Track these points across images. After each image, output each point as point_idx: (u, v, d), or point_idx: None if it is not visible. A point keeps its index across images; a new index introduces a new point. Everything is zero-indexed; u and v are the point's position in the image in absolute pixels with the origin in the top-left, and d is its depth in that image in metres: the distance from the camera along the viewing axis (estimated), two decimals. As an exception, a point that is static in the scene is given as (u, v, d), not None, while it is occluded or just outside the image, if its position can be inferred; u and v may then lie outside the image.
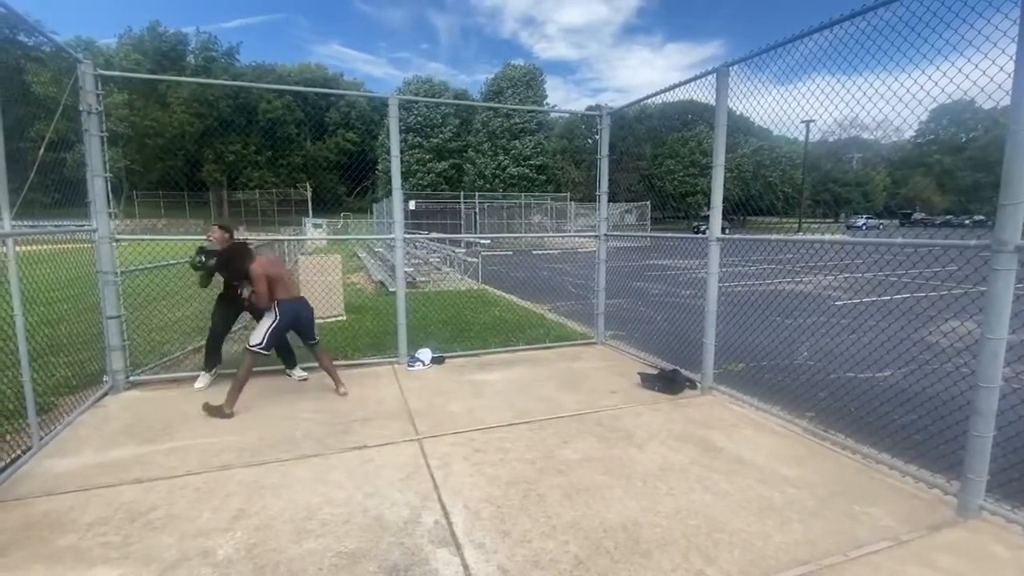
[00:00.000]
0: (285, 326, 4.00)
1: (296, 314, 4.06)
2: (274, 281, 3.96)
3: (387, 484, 2.83)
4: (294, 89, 7.40)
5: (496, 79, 39.67)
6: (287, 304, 4.00)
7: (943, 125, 52.03)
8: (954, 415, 2.78)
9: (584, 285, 9.99)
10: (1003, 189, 2.31)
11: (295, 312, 4.05)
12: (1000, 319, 2.37)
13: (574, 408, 3.97)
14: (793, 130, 3.90)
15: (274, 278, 3.95)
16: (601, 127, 5.64)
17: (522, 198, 30.69)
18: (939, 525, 2.48)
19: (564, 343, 6.02)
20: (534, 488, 2.79)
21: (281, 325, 3.95)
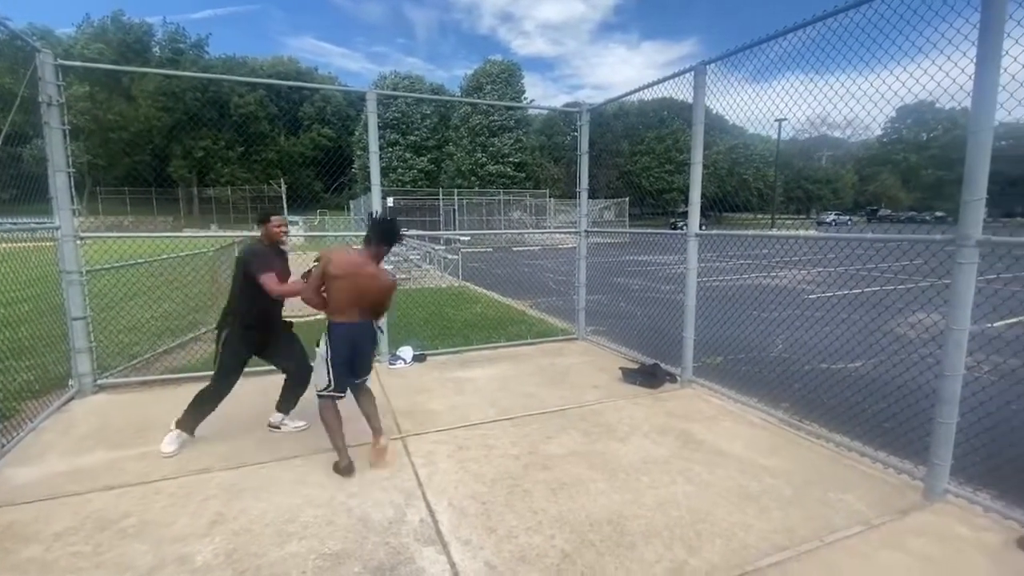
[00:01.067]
0: (343, 358, 2.90)
1: (354, 344, 2.93)
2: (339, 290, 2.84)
3: (371, 484, 2.81)
4: (267, 82, 7.22)
5: (475, 75, 39.46)
6: (342, 328, 2.88)
7: (907, 124, 53.84)
8: (920, 403, 2.89)
9: (565, 281, 10.06)
10: (965, 186, 2.40)
11: (353, 341, 2.91)
12: (963, 311, 2.47)
13: (557, 404, 3.99)
14: (766, 128, 4.00)
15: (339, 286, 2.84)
16: (581, 124, 5.67)
17: (501, 195, 30.63)
18: (908, 509, 2.58)
19: (546, 339, 6.04)
20: (519, 484, 2.80)
21: (337, 358, 2.88)
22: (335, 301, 2.86)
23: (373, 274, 2.89)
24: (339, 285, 2.83)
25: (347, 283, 2.83)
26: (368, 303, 2.92)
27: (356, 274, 2.85)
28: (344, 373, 2.93)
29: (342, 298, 2.85)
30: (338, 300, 2.86)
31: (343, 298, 2.85)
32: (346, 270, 2.84)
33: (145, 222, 36.54)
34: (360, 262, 2.88)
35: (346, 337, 2.90)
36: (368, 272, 2.87)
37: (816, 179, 52.44)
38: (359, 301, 2.88)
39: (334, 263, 2.84)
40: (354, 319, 2.90)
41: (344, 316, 2.89)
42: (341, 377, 2.92)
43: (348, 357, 2.92)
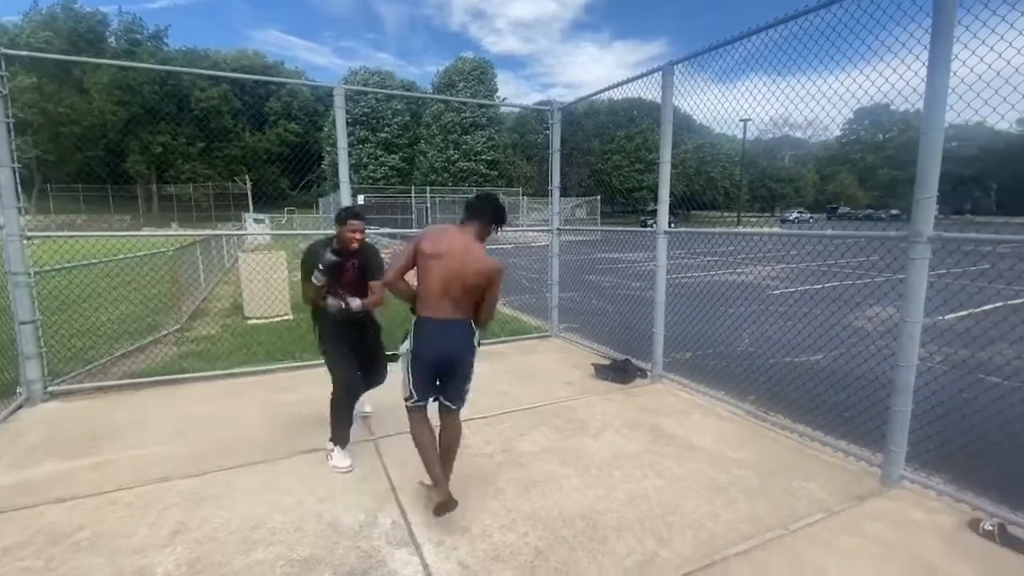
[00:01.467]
0: (426, 364, 2.38)
1: (440, 348, 2.37)
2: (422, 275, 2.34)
3: (341, 488, 2.75)
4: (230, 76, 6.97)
5: (447, 72, 39.19)
6: (429, 326, 2.34)
7: (864, 126, 56.13)
8: (877, 393, 3.01)
9: (537, 279, 10.08)
10: (917, 185, 2.51)
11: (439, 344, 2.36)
12: (916, 304, 2.58)
13: (530, 401, 4.00)
14: (732, 128, 4.09)
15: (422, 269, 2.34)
16: (552, 122, 5.68)
17: (474, 192, 30.57)
18: (866, 495, 2.69)
19: (519, 337, 6.04)
20: (493, 482, 2.79)
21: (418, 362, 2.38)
22: (423, 288, 2.28)
23: (478, 256, 2.29)
24: (431, 267, 2.25)
25: (440, 265, 2.24)
26: (466, 293, 2.29)
27: (454, 254, 2.24)
28: (426, 379, 2.42)
29: (433, 285, 2.25)
30: (428, 287, 2.26)
31: (434, 285, 2.25)
32: (441, 248, 2.24)
33: (100, 221, 34.94)
34: (463, 241, 2.31)
35: (433, 337, 2.30)
36: (473, 254, 2.28)
37: (779, 178, 54.13)
38: (454, 290, 2.26)
39: (428, 238, 2.28)
40: (446, 314, 2.30)
41: (432, 310, 2.31)
42: (421, 383, 2.41)
43: (433, 362, 2.35)
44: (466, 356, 2.42)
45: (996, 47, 2.33)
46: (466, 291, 2.29)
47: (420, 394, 2.44)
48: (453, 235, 2.36)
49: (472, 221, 2.44)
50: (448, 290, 2.28)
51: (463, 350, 2.39)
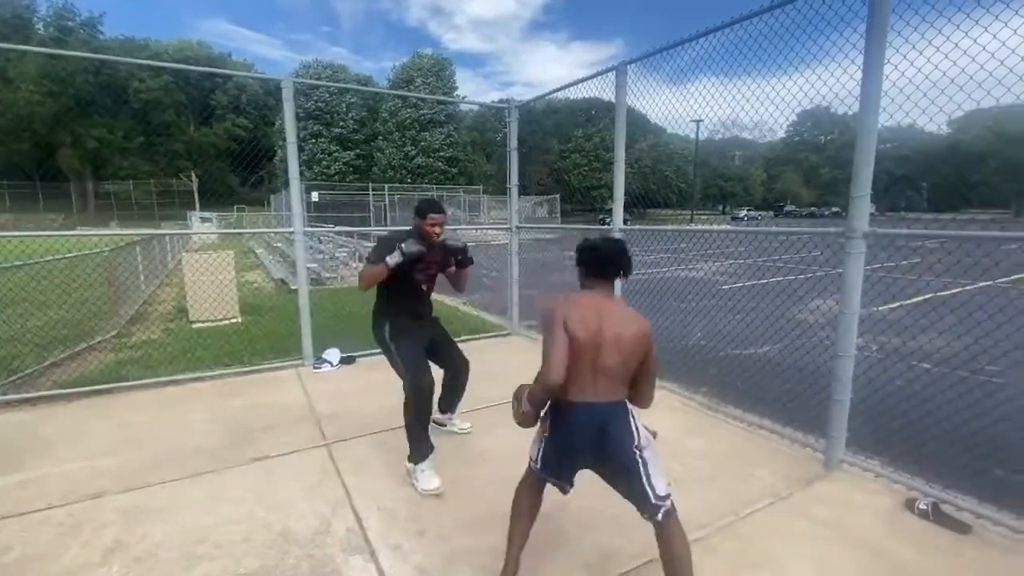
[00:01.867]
0: (559, 450, 1.90)
1: (592, 430, 1.82)
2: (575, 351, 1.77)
3: (293, 495, 2.65)
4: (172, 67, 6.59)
5: (405, 68, 38.57)
6: (585, 411, 1.80)
7: (807, 127, 59.10)
8: (820, 382, 3.16)
9: (498, 277, 10.06)
10: (853, 183, 2.64)
11: (594, 429, 1.81)
12: (853, 296, 2.72)
13: (493, 399, 3.97)
14: (685, 128, 4.20)
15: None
16: (510, 120, 5.68)
17: (434, 190, 30.21)
18: (812, 479, 2.82)
19: (480, 335, 6.01)
20: (455, 482, 2.75)
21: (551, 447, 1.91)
22: (571, 373, 1.76)
23: (630, 316, 1.86)
24: (580, 349, 1.76)
25: (592, 342, 1.76)
26: (622, 366, 1.80)
27: (606, 324, 1.78)
28: (565, 473, 1.93)
29: (583, 367, 1.77)
30: (577, 371, 1.77)
31: (584, 367, 1.78)
32: (593, 326, 1.77)
33: (28, 220, 32.41)
34: (606, 304, 1.85)
35: (587, 426, 1.80)
36: (622, 315, 1.84)
37: (729, 177, 56.29)
38: (609, 368, 1.78)
39: (576, 319, 1.77)
40: (607, 398, 1.81)
41: (584, 392, 1.80)
42: (557, 471, 1.93)
43: (572, 446, 1.86)
44: (627, 447, 1.82)
45: (926, 53, 2.49)
46: (621, 364, 1.81)
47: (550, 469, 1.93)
48: (596, 300, 1.86)
49: (597, 278, 1.93)
50: (599, 369, 1.79)
51: (626, 437, 1.82)
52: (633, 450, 1.81)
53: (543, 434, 1.92)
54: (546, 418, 1.91)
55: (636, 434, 1.83)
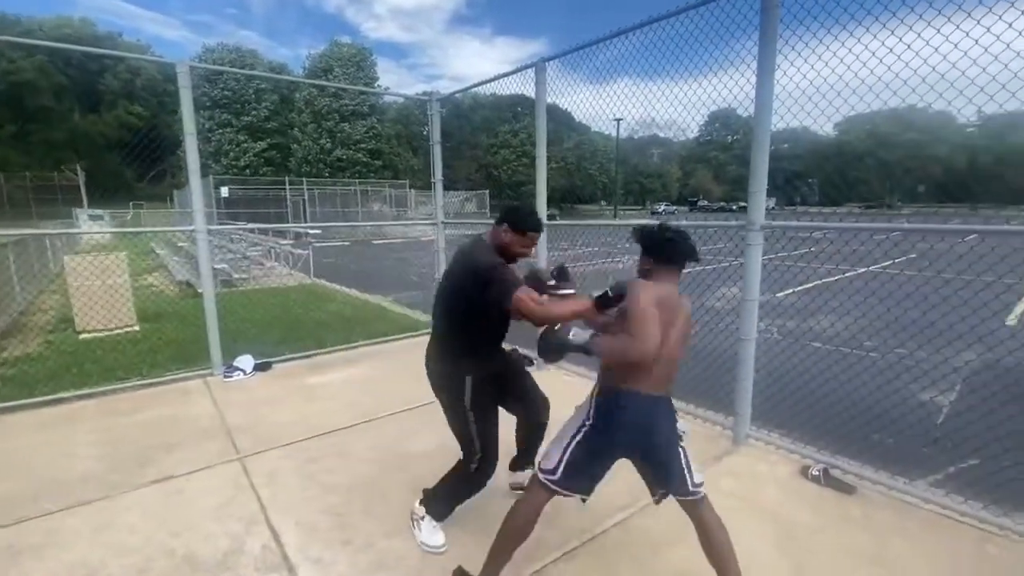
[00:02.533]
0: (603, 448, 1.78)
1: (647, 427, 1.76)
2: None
3: (200, 516, 2.44)
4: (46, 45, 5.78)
5: (322, 56, 36.69)
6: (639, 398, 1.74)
7: (716, 128, 63.38)
8: (727, 363, 3.40)
9: (428, 274, 9.91)
10: (751, 179, 2.86)
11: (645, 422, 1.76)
12: (753, 283, 2.95)
13: (420, 399, 3.89)
14: (607, 126, 4.34)
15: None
16: (432, 112, 5.57)
17: (357, 185, 29.10)
18: (721, 455, 3.03)
19: (410, 334, 5.88)
20: (378, 488, 2.67)
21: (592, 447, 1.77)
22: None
23: (690, 313, 1.86)
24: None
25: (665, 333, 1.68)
26: (678, 361, 1.82)
27: (679, 318, 1.76)
28: (596, 473, 1.83)
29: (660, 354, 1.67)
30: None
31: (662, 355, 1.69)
32: (669, 316, 1.71)
33: None
34: (679, 298, 1.81)
35: (644, 418, 1.74)
36: (688, 311, 1.84)
37: (649, 174, 59.19)
38: (671, 361, 1.77)
39: (663, 305, 1.68)
40: (659, 390, 1.77)
41: (646, 384, 1.73)
42: (582, 478, 1.79)
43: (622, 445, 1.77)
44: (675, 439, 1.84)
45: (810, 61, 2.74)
46: (677, 356, 1.81)
47: (573, 486, 1.79)
48: (677, 298, 1.79)
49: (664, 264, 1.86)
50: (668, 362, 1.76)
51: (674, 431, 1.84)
52: (678, 446, 1.83)
53: (571, 440, 1.78)
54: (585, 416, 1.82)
55: (678, 428, 1.84)
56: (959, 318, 2.67)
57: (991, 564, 2.09)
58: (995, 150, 38.02)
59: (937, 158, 39.83)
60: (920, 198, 41.84)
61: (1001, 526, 2.29)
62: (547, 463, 1.78)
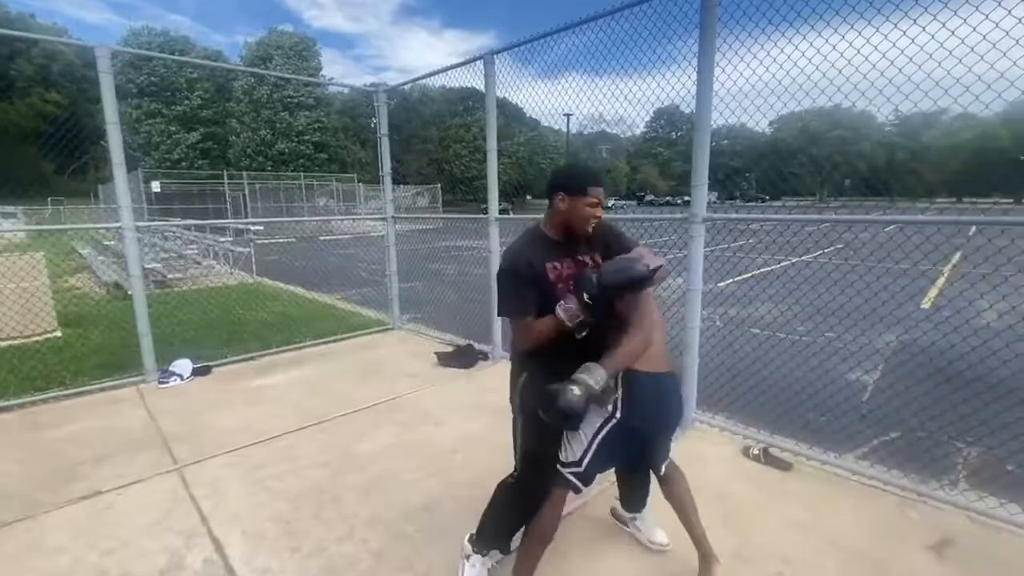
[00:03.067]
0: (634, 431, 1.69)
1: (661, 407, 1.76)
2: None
3: (135, 532, 2.29)
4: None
5: (261, 44, 34.86)
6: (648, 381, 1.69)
7: (662, 124, 65.41)
8: (674, 351, 3.52)
9: (378, 270, 9.69)
10: (693, 174, 2.96)
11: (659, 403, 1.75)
12: (696, 274, 3.06)
13: (371, 399, 3.81)
14: (557, 122, 4.38)
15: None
16: (378, 104, 5.43)
17: (303, 178, 27.97)
18: (670, 440, 3.14)
19: (359, 333, 5.73)
20: (329, 492, 2.59)
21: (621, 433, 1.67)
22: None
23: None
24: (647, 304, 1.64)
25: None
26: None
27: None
28: (612, 464, 1.84)
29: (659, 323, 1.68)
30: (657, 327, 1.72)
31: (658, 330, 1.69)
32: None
33: None
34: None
35: (658, 397, 1.73)
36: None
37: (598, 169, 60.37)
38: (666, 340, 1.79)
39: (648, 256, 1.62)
40: (662, 367, 1.76)
41: (652, 362, 1.69)
42: (599, 468, 1.72)
43: (641, 430, 1.71)
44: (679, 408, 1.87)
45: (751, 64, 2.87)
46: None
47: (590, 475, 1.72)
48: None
49: None
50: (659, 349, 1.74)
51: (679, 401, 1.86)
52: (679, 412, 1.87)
53: (597, 434, 1.67)
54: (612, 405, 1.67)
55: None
56: (880, 303, 2.88)
57: (912, 527, 2.28)
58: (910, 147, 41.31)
59: (861, 154, 42.83)
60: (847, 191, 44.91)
61: (919, 492, 2.50)
62: (570, 456, 1.70)
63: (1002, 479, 2.74)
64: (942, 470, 2.86)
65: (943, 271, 9.50)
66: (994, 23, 2.11)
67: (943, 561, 2.07)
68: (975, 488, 2.59)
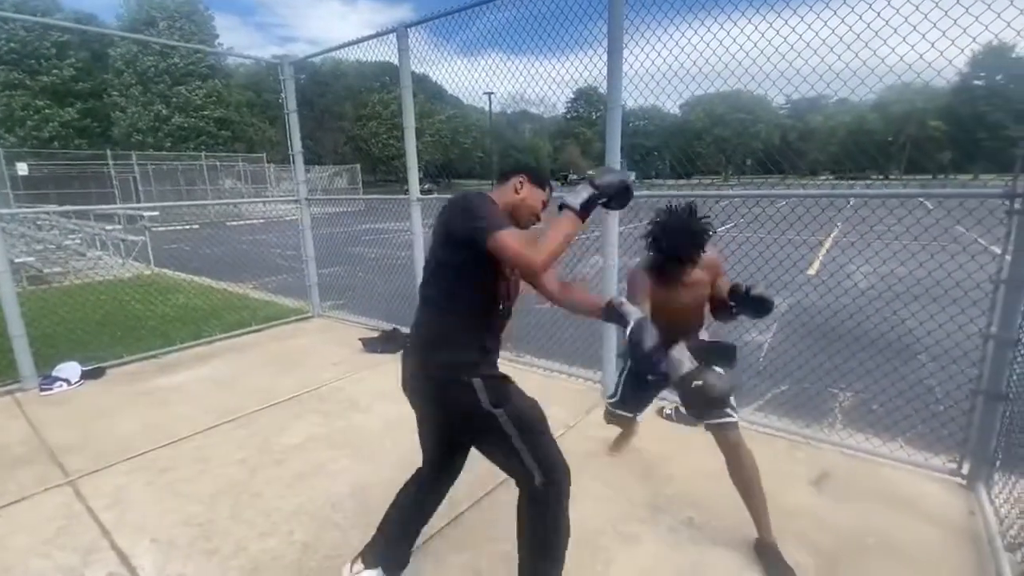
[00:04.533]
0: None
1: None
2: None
3: (21, 554, 2.06)
4: None
5: (142, 6, 30.89)
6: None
7: (582, 104, 66.67)
8: (594, 324, 3.70)
9: (294, 256, 9.18)
10: (607, 154, 3.07)
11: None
12: (612, 250, 3.21)
13: (292, 390, 3.66)
14: (479, 100, 4.34)
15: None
16: (284, 78, 5.07)
17: (204, 158, 25.56)
18: (591, 407, 3.31)
19: (276, 322, 5.43)
20: (248, 489, 2.47)
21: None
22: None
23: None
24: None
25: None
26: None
27: None
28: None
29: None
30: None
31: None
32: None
33: None
34: None
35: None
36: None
37: (523, 149, 60.62)
38: None
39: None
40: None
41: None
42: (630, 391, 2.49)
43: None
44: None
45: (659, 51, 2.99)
46: None
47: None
48: None
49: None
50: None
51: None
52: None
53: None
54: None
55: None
56: (771, 270, 3.19)
57: (797, 466, 2.60)
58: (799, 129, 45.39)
59: (758, 135, 46.41)
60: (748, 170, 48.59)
61: (804, 435, 2.85)
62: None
63: (867, 418, 3.18)
64: (822, 414, 3.27)
65: (824, 242, 10.67)
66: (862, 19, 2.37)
67: (821, 492, 2.39)
68: (847, 427, 2.99)
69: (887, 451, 2.64)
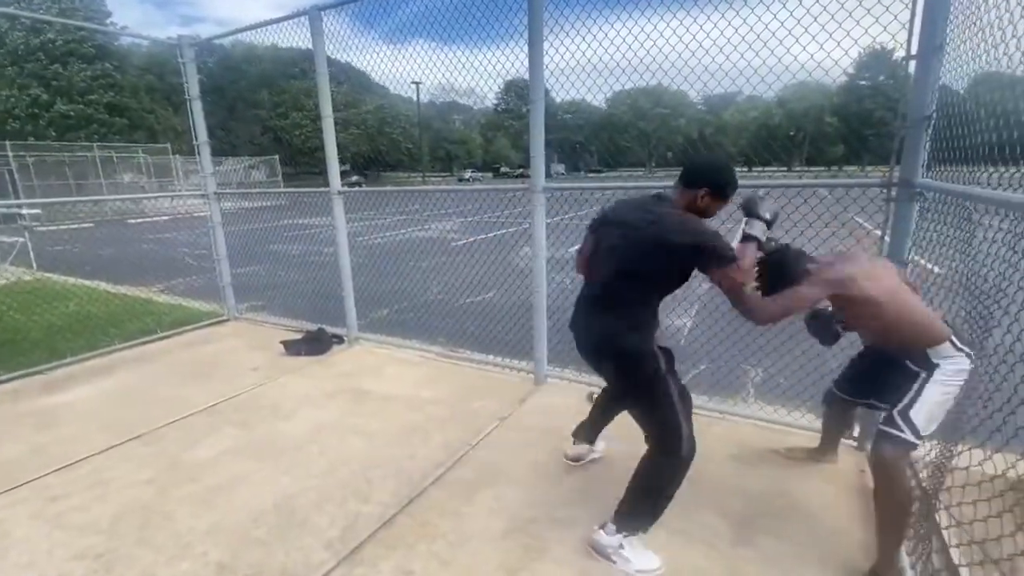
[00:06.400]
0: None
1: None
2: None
3: None
4: None
5: (8, -27, 27.05)
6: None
7: (511, 97, 66.82)
8: (527, 315, 3.74)
9: (205, 255, 8.51)
10: (531, 145, 3.09)
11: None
12: (540, 242, 3.25)
13: (206, 401, 3.39)
14: (407, 90, 4.19)
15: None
16: (184, 61, 4.64)
17: (96, 149, 22.97)
18: (525, 397, 3.35)
19: (186, 328, 5.01)
20: (156, 510, 2.27)
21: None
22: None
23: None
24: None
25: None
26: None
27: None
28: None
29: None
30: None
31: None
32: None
33: None
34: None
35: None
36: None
37: (453, 140, 59.93)
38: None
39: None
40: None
41: None
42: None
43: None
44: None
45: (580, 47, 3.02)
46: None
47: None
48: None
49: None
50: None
51: None
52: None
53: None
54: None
55: None
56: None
57: (716, 440, 2.76)
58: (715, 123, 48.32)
59: (679, 129, 48.86)
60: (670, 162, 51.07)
61: (721, 411, 3.05)
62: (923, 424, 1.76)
63: (775, 391, 3.45)
64: (736, 390, 3.51)
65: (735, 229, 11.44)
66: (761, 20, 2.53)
67: (738, 463, 2.56)
68: (759, 401, 3.23)
69: (791, 420, 2.88)
